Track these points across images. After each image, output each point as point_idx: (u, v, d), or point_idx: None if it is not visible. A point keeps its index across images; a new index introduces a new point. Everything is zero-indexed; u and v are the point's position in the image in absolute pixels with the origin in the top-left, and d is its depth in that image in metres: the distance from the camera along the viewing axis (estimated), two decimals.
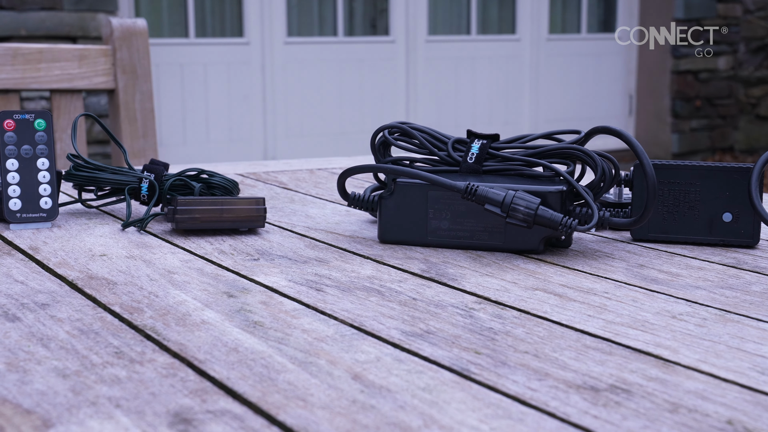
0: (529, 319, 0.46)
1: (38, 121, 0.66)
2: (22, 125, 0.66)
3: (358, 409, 0.35)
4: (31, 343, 0.41)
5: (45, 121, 0.66)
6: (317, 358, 0.40)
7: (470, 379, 0.38)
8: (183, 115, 3.78)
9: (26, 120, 0.66)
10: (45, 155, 0.66)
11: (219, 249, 0.60)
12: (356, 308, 0.48)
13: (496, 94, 4.47)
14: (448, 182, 0.59)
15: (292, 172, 0.94)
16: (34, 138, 0.66)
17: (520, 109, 4.53)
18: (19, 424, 0.33)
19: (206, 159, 3.75)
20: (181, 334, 0.43)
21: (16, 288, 0.50)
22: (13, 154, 0.65)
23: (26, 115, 0.66)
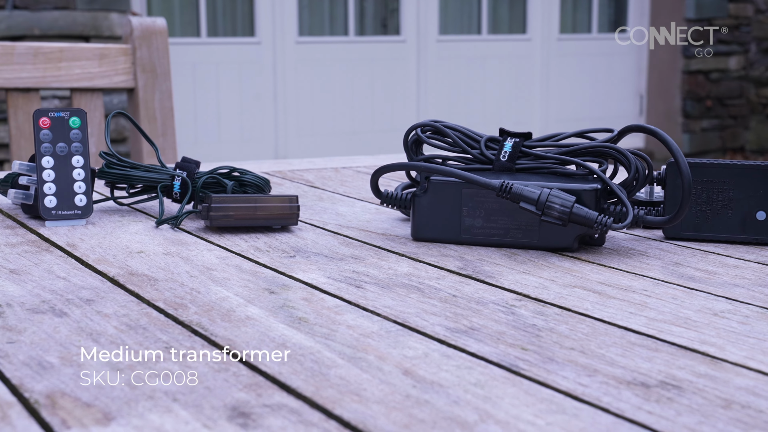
0: (571, 316, 0.46)
1: (73, 119, 0.67)
2: (57, 123, 0.66)
3: (413, 404, 0.35)
4: (81, 338, 0.42)
5: (80, 119, 0.67)
6: (366, 353, 0.40)
7: (520, 375, 0.38)
8: (195, 115, 3.79)
9: (61, 118, 0.66)
10: (80, 153, 0.67)
11: (254, 246, 0.61)
12: (398, 305, 0.48)
13: (507, 94, 4.46)
14: (483, 180, 0.59)
15: (318, 170, 0.94)
16: (69, 136, 0.66)
17: (531, 109, 4.53)
18: (80, 416, 0.33)
19: (217, 158, 3.76)
20: (228, 330, 0.43)
21: (59, 284, 0.50)
22: (49, 152, 0.66)
23: (61, 113, 0.66)
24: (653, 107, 4.77)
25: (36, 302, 0.47)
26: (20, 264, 0.55)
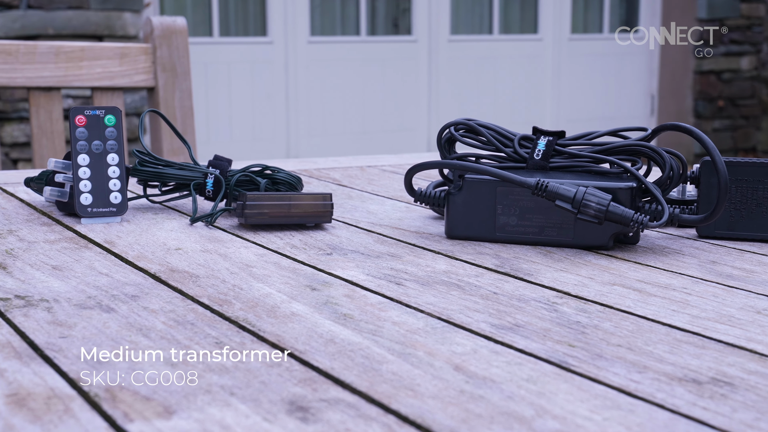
0: (613, 313, 0.47)
1: (108, 116, 0.67)
2: (92, 121, 0.67)
3: (468, 399, 0.35)
4: (132, 333, 0.42)
5: (115, 117, 0.67)
6: (414, 349, 0.41)
7: (570, 371, 0.38)
8: (206, 114, 3.80)
9: (97, 116, 0.67)
10: (115, 151, 0.67)
11: (290, 244, 0.61)
12: (440, 302, 0.48)
13: (518, 94, 4.46)
14: (519, 178, 0.60)
15: (343, 169, 0.94)
16: (105, 134, 0.67)
17: (542, 109, 4.53)
18: (141, 410, 0.33)
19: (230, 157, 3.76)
20: (275, 326, 0.44)
21: (102, 280, 0.51)
22: (84, 150, 0.66)
23: (97, 111, 0.67)
24: (665, 107, 4.76)
25: (82, 298, 0.47)
26: (61, 260, 0.55)
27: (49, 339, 0.41)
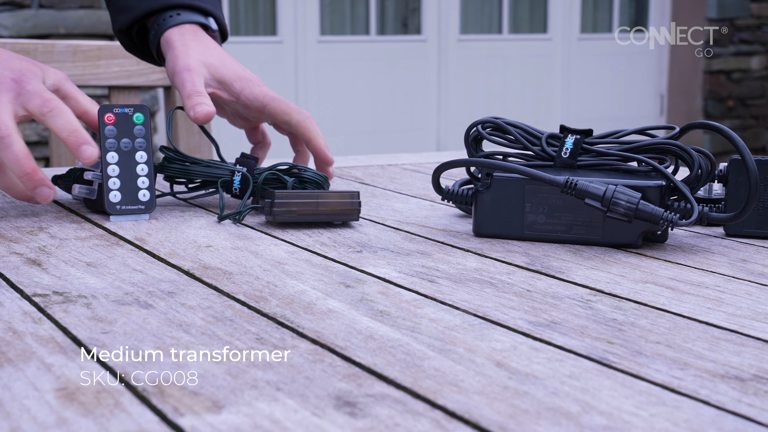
0: (649, 311, 0.47)
1: (137, 114, 0.67)
2: (121, 119, 0.67)
3: (513, 395, 0.35)
4: (172, 329, 0.42)
5: (143, 115, 0.68)
6: (454, 345, 0.41)
7: (612, 368, 0.38)
8: None
9: (125, 114, 0.67)
10: (143, 148, 0.67)
11: (319, 241, 0.61)
12: (475, 299, 0.48)
13: (528, 94, 4.46)
14: (548, 176, 0.60)
15: (364, 167, 0.94)
16: (133, 131, 0.67)
17: (552, 109, 4.52)
18: (190, 404, 0.34)
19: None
20: (313, 322, 0.44)
21: (137, 277, 0.51)
22: (113, 147, 0.66)
23: (125, 109, 0.67)
24: (674, 107, 4.76)
25: (119, 294, 0.48)
26: (95, 257, 0.55)
27: (91, 334, 0.41)
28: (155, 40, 0.78)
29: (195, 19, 0.78)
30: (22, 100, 0.64)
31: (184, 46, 0.74)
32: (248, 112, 0.76)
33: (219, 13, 0.81)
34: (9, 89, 0.64)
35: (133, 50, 0.84)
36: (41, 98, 0.64)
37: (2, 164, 0.63)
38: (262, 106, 0.74)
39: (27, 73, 0.65)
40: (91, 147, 0.63)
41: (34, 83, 0.65)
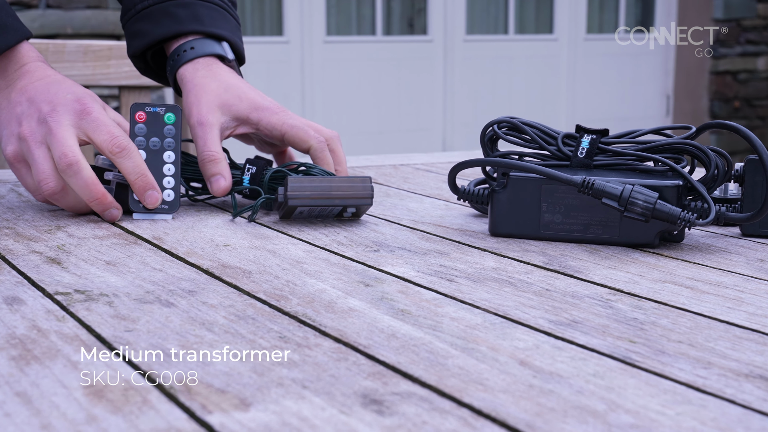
0: (669, 310, 0.47)
1: (168, 114, 0.67)
2: (152, 118, 0.67)
3: (538, 393, 0.35)
4: (195, 327, 0.42)
5: (175, 116, 0.68)
6: (477, 344, 0.41)
7: (636, 367, 0.38)
8: None
9: (157, 113, 0.67)
10: (172, 149, 0.67)
11: (336, 240, 0.61)
12: (494, 298, 0.48)
13: (533, 94, 4.46)
14: (565, 176, 0.60)
15: (376, 167, 0.94)
16: (163, 131, 0.67)
17: (557, 109, 4.52)
18: (217, 402, 0.34)
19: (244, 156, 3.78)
20: (335, 321, 0.44)
21: (157, 275, 0.51)
22: (142, 146, 0.67)
23: (157, 108, 0.67)
24: (680, 108, 4.75)
25: (140, 293, 0.48)
26: (114, 256, 0.55)
27: (115, 332, 0.41)
28: (172, 75, 0.76)
29: (209, 50, 0.75)
30: (84, 125, 0.65)
31: (197, 88, 0.72)
32: (270, 140, 0.75)
33: (235, 38, 0.79)
34: (71, 111, 0.65)
35: (148, 73, 0.83)
36: (110, 134, 0.65)
37: (65, 186, 0.64)
38: (281, 134, 0.73)
39: (89, 98, 0.66)
40: (157, 193, 0.65)
41: (97, 111, 0.65)
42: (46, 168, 0.64)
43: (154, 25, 0.77)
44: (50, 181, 0.64)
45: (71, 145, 0.63)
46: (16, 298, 0.46)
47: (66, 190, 0.64)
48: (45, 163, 0.64)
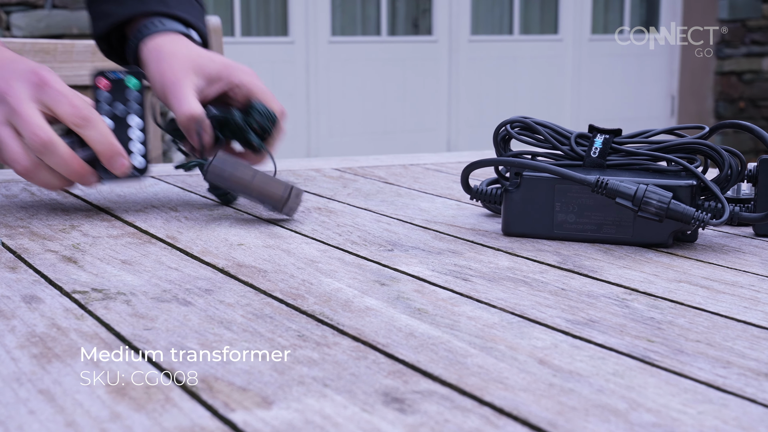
0: (686, 309, 0.47)
1: (130, 78, 0.67)
2: (115, 84, 0.67)
3: (558, 392, 0.35)
4: (213, 326, 0.42)
5: (137, 79, 0.68)
6: (495, 343, 0.41)
7: (655, 366, 0.38)
8: None
9: (119, 79, 0.67)
10: (136, 113, 0.67)
11: (349, 240, 0.61)
12: (510, 298, 0.48)
13: (538, 95, 4.46)
14: (579, 176, 0.60)
15: (387, 167, 0.95)
16: (126, 95, 0.67)
17: (562, 110, 4.52)
18: (239, 400, 0.34)
19: None
20: (353, 320, 0.44)
21: (173, 274, 0.51)
22: (107, 113, 0.67)
23: (119, 74, 0.67)
24: (685, 108, 4.75)
25: (157, 291, 0.48)
26: (129, 255, 0.56)
27: (134, 331, 0.41)
28: (133, 46, 0.75)
29: (175, 28, 0.75)
30: (44, 98, 0.63)
31: (167, 55, 0.71)
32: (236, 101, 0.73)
33: (199, 23, 0.78)
34: (28, 84, 0.63)
35: (112, 57, 0.82)
36: (71, 105, 0.63)
37: (38, 162, 0.63)
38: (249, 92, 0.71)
39: (44, 70, 0.64)
40: (125, 161, 0.65)
41: (54, 81, 0.63)
42: (15, 148, 0.62)
43: (118, 5, 0.76)
44: (21, 160, 0.62)
45: (40, 124, 0.62)
46: (34, 296, 0.46)
47: (39, 167, 0.63)
48: (13, 143, 0.62)
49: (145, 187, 0.80)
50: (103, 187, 0.78)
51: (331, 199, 0.76)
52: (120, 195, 0.76)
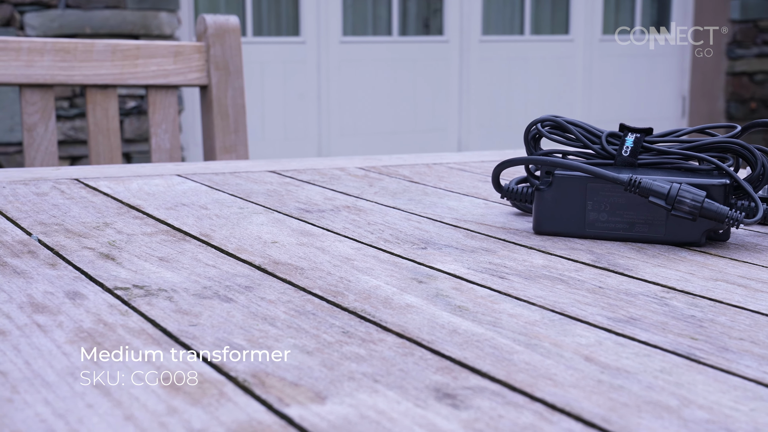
0: (726, 308, 0.47)
1: None
2: None
3: (608, 389, 0.36)
4: (257, 322, 0.43)
5: None
6: (539, 340, 0.41)
7: (701, 363, 0.39)
8: None
9: None
10: None
11: (382, 238, 0.62)
12: (549, 295, 0.49)
13: (549, 95, 4.45)
14: (611, 174, 0.60)
15: (410, 166, 0.95)
16: None
17: (573, 110, 4.51)
18: (293, 395, 0.34)
19: (261, 156, 3.78)
20: (395, 317, 0.44)
21: (211, 271, 0.52)
22: None
23: None
24: (696, 109, 4.74)
25: (198, 288, 0.48)
26: (165, 252, 0.56)
27: (180, 327, 0.42)
28: None
29: None
30: None
31: None
32: None
33: None
34: None
35: None
36: None
37: None
38: None
39: None
40: None
41: None
42: None
43: None
44: None
45: None
46: (77, 292, 0.47)
47: None
48: None
49: (173, 185, 0.80)
50: (131, 185, 0.79)
51: (359, 197, 0.77)
52: (149, 193, 0.76)
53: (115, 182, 0.81)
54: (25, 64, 1.17)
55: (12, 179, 0.81)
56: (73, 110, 3.27)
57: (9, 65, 1.17)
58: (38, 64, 1.18)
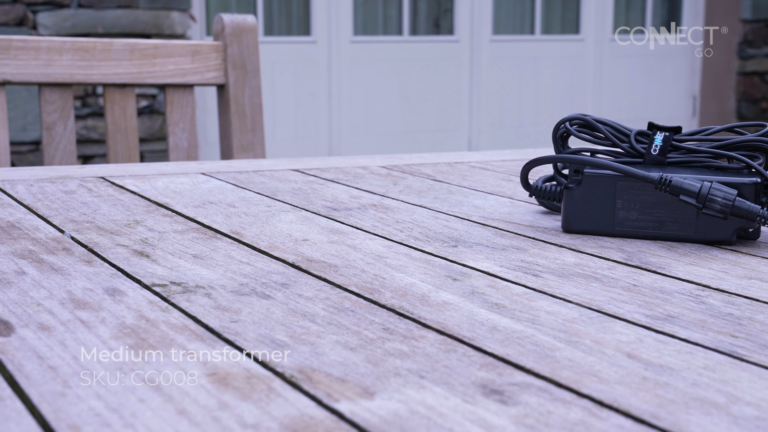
0: (763, 306, 0.47)
1: None
2: None
3: (654, 386, 0.36)
4: (298, 319, 0.43)
5: None
6: (579, 338, 0.41)
7: (745, 361, 0.39)
8: None
9: None
10: None
11: (411, 236, 0.62)
12: (584, 293, 0.49)
13: (560, 94, 4.45)
14: (641, 173, 0.60)
15: (432, 165, 0.95)
16: None
17: (584, 109, 4.51)
18: (341, 390, 0.34)
19: (272, 156, 3.79)
20: (433, 314, 0.44)
21: (246, 269, 0.52)
22: None
23: None
24: (707, 109, 4.73)
25: (235, 285, 0.48)
26: (198, 250, 0.56)
27: (221, 323, 0.42)
28: None
29: None
30: None
31: None
32: None
33: None
34: None
35: None
36: None
37: None
38: None
39: None
40: None
41: None
42: None
43: None
44: None
45: None
46: (116, 289, 0.47)
47: None
48: None
49: (198, 183, 0.81)
50: (157, 183, 0.79)
51: (384, 196, 0.77)
52: (175, 191, 0.76)
53: (141, 180, 0.81)
54: (44, 64, 1.18)
55: (38, 177, 0.81)
56: (86, 109, 3.28)
57: (29, 64, 1.17)
58: (57, 64, 1.19)
